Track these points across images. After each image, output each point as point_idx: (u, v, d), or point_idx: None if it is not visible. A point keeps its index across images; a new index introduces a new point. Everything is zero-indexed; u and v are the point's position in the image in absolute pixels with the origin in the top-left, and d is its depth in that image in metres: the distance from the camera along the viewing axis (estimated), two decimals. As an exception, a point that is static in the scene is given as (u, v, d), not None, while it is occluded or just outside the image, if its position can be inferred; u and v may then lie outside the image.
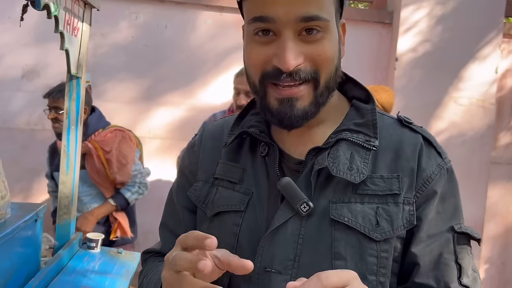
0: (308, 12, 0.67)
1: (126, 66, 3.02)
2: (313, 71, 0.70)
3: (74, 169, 1.65)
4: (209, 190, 0.82)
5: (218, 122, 0.90)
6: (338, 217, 0.71)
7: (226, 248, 0.74)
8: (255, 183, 0.78)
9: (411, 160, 0.75)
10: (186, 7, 3.03)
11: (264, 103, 0.73)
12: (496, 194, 3.35)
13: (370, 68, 3.13)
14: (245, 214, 0.76)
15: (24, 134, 2.97)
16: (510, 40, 3.32)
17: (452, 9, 3.05)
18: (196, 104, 3.07)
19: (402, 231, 0.72)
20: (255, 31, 0.70)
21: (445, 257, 0.74)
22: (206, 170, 0.83)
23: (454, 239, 0.75)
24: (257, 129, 0.79)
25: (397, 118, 0.81)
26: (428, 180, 0.75)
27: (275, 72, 0.69)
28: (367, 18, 3.13)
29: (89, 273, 1.49)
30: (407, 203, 0.73)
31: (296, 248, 0.71)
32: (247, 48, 0.74)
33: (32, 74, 2.98)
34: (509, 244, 3.41)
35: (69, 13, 1.43)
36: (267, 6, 0.68)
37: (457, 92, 3.10)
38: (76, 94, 1.64)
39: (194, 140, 0.90)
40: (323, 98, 0.73)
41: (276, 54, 0.69)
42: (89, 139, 2.38)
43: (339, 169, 0.72)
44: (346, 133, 0.75)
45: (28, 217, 1.33)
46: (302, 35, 0.69)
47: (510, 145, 3.38)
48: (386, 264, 0.72)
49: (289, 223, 0.72)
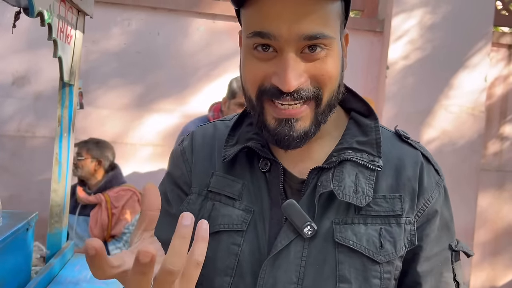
0: (312, 30, 0.63)
1: (118, 73, 3.01)
2: (315, 90, 0.66)
3: (66, 177, 1.64)
4: (202, 204, 0.76)
5: (208, 128, 0.83)
6: (343, 240, 0.69)
7: (225, 269, 0.71)
8: (256, 200, 0.73)
9: (412, 179, 0.73)
10: (178, 14, 3.04)
11: (262, 120, 0.69)
12: (486, 201, 3.38)
13: (361, 76, 3.16)
14: (246, 234, 0.72)
15: (14, 141, 2.94)
16: (499, 48, 3.37)
17: (442, 18, 3.09)
18: (189, 111, 3.07)
19: (403, 252, 0.71)
20: (254, 45, 0.66)
21: (445, 276, 0.74)
22: (200, 182, 0.78)
23: (452, 257, 0.75)
24: (258, 143, 0.75)
25: (395, 132, 0.78)
26: (429, 199, 0.74)
27: (274, 90, 0.65)
28: (358, 27, 3.16)
29: (81, 282, 1.47)
30: (409, 223, 0.72)
31: (299, 271, 0.69)
32: (245, 62, 0.69)
33: (23, 81, 2.95)
34: (499, 250, 3.44)
35: (63, 21, 1.42)
36: (269, 21, 0.63)
37: (448, 100, 3.13)
38: (69, 101, 1.63)
39: (183, 147, 0.83)
40: (324, 116, 0.69)
41: (276, 72, 0.65)
42: (103, 193, 2.63)
43: (345, 193, 0.69)
44: (349, 152, 0.72)
45: (20, 226, 1.31)
46: (304, 52, 0.65)
47: (499, 152, 3.42)
48: (388, 284, 0.71)
49: (292, 245, 0.70)
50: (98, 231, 2.58)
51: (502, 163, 3.42)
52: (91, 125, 2.98)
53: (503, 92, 3.42)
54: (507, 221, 3.45)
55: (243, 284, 0.71)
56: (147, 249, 0.44)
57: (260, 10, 0.64)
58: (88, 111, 2.83)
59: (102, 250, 0.47)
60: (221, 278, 0.72)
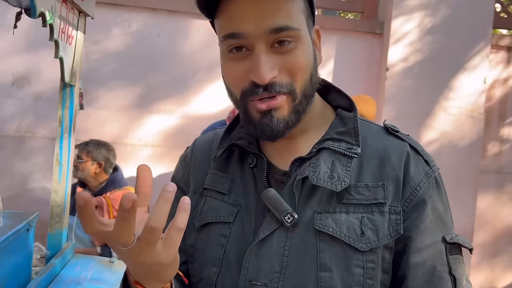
0: (277, 24, 0.67)
1: (118, 74, 3.02)
2: (288, 83, 0.70)
3: (66, 178, 1.64)
4: (197, 201, 0.81)
5: (209, 135, 0.90)
6: (322, 227, 0.70)
7: (212, 260, 0.75)
8: (243, 194, 0.77)
9: (396, 168, 0.74)
10: (178, 16, 3.04)
11: (247, 116, 0.74)
12: (485, 203, 3.39)
13: (361, 78, 3.16)
14: (233, 225, 0.76)
15: (14, 141, 2.95)
16: (498, 50, 3.38)
17: (441, 20, 3.10)
18: (188, 112, 3.07)
19: (388, 241, 0.71)
20: (228, 48, 0.71)
21: (439, 269, 0.72)
22: (196, 181, 0.84)
23: (446, 250, 0.73)
24: (246, 141, 0.79)
25: (383, 126, 0.80)
26: (417, 188, 0.73)
27: (252, 87, 0.70)
28: (358, 28, 3.17)
29: (82, 282, 1.47)
30: (394, 212, 0.72)
31: (282, 260, 0.71)
32: (224, 66, 0.74)
33: (23, 81, 2.96)
34: (498, 251, 3.44)
35: (64, 22, 1.43)
36: (236, 22, 0.68)
37: (447, 102, 3.14)
38: (70, 102, 1.63)
39: (186, 153, 0.90)
40: (302, 106, 0.73)
41: (251, 68, 0.69)
42: (105, 195, 2.61)
43: (319, 178, 0.71)
44: (328, 142, 0.75)
45: (20, 226, 1.31)
46: (274, 47, 0.69)
47: (499, 154, 3.43)
48: (373, 275, 0.70)
49: (275, 235, 0.72)
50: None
51: (501, 165, 3.43)
52: (91, 126, 2.98)
53: (502, 94, 3.43)
54: (506, 223, 3.45)
55: (229, 274, 0.74)
56: (130, 196, 0.51)
57: (228, 14, 0.70)
58: (88, 112, 2.84)
59: (90, 200, 0.52)
60: (208, 268, 0.75)
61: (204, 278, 0.76)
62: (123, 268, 1.71)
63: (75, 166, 2.62)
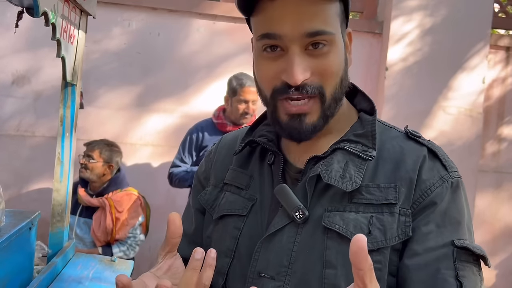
0: (313, 28, 0.69)
1: (119, 73, 3.02)
2: (318, 86, 0.72)
3: (68, 177, 1.64)
4: (217, 195, 0.85)
5: (235, 132, 0.93)
6: (330, 224, 0.71)
7: (226, 251, 0.78)
8: (260, 189, 0.80)
9: (411, 171, 0.73)
10: (178, 15, 3.05)
11: (275, 116, 0.75)
12: (483, 202, 3.40)
13: (361, 77, 3.17)
14: (247, 219, 0.78)
15: (14, 140, 2.95)
16: (497, 51, 3.39)
17: (441, 20, 3.11)
18: (189, 111, 3.08)
19: (396, 242, 0.70)
20: (263, 47, 0.72)
21: (443, 273, 0.69)
22: (217, 176, 0.87)
23: (454, 254, 0.70)
24: (266, 138, 0.81)
25: (404, 131, 0.80)
26: (427, 191, 0.72)
27: (284, 87, 0.71)
28: (358, 28, 3.18)
29: (83, 280, 1.48)
30: (403, 214, 0.71)
31: (290, 255, 0.72)
32: (257, 64, 0.75)
33: (23, 80, 2.96)
34: (496, 251, 3.46)
35: (66, 21, 1.43)
36: (274, 23, 0.70)
37: (446, 102, 3.15)
38: (71, 101, 1.64)
39: (211, 149, 0.94)
40: (331, 110, 0.74)
41: (285, 69, 0.71)
42: (107, 196, 2.61)
43: (331, 176, 0.72)
44: (344, 143, 0.76)
45: (23, 225, 1.32)
46: (308, 49, 0.71)
47: (497, 153, 3.44)
48: (379, 276, 0.68)
49: (286, 230, 0.73)
50: (101, 235, 2.57)
51: (500, 164, 3.44)
52: (91, 125, 2.98)
53: (501, 93, 3.44)
54: (505, 222, 3.47)
55: (240, 265, 0.76)
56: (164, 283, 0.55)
57: (266, 15, 0.71)
58: (88, 111, 2.84)
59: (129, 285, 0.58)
60: (222, 259, 0.77)
61: (217, 268, 0.75)
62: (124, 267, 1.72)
63: (84, 165, 2.60)
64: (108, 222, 2.55)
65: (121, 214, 2.58)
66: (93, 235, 2.59)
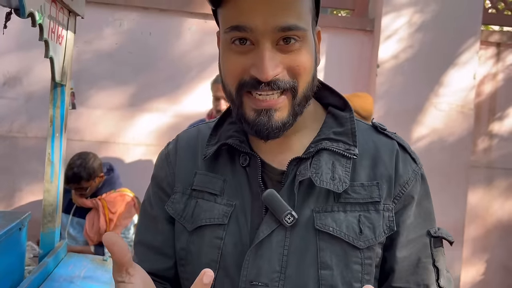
0: (286, 22, 0.66)
1: (110, 73, 3.02)
2: (291, 80, 0.69)
3: (58, 177, 1.65)
4: (186, 203, 0.78)
5: (192, 131, 0.86)
6: (323, 227, 0.71)
7: (209, 263, 0.73)
8: (237, 194, 0.75)
9: (389, 167, 0.75)
10: (170, 14, 3.05)
11: (241, 112, 0.71)
12: (475, 197, 3.43)
13: (352, 75, 3.18)
14: (228, 227, 0.74)
15: (6, 141, 2.94)
16: (488, 47, 3.41)
17: (431, 16, 3.13)
18: (181, 110, 3.08)
19: (383, 238, 0.73)
20: (231, 40, 0.68)
21: (424, 261, 0.76)
22: (183, 181, 0.80)
23: (431, 243, 0.76)
24: (237, 140, 0.77)
25: (371, 124, 0.81)
26: (405, 186, 0.75)
27: (253, 82, 0.68)
28: (349, 26, 3.19)
29: (75, 280, 1.48)
30: (387, 209, 0.74)
31: (281, 260, 0.71)
32: (224, 57, 0.71)
33: (14, 81, 2.95)
34: (489, 246, 3.48)
35: (54, 21, 1.43)
36: (245, 15, 0.66)
37: (437, 98, 3.17)
38: (61, 101, 1.64)
39: (167, 150, 0.86)
40: (300, 107, 0.72)
41: (254, 64, 0.67)
42: (100, 197, 2.61)
43: (322, 180, 0.72)
44: (326, 142, 0.75)
45: (13, 225, 1.32)
46: (279, 44, 0.67)
47: (488, 149, 3.47)
48: (370, 270, 0.72)
49: (274, 235, 0.71)
50: (94, 235, 2.58)
51: (491, 160, 3.46)
52: (83, 126, 2.98)
53: (492, 89, 3.46)
54: (497, 217, 3.49)
55: (228, 276, 0.73)
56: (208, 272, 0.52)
57: (236, 6, 0.67)
58: (80, 111, 2.83)
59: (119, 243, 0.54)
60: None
61: None
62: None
63: (83, 195, 2.60)
64: (102, 223, 2.57)
65: (114, 215, 2.59)
66: (85, 235, 2.59)
